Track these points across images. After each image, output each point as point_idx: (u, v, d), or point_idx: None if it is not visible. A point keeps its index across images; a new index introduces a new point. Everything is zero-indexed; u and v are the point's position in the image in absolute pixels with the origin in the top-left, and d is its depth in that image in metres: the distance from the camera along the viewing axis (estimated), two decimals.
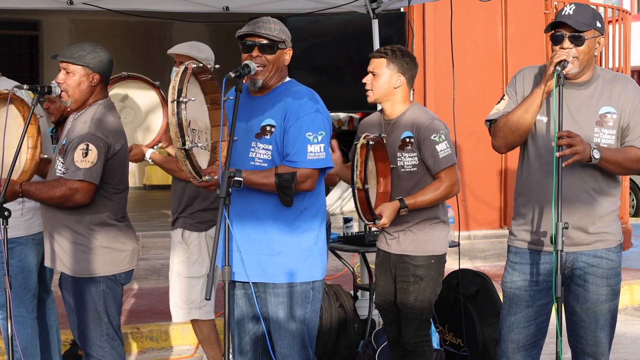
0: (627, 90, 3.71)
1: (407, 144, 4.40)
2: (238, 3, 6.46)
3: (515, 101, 3.79)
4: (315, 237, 3.73)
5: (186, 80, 3.38)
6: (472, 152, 9.21)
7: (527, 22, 9.53)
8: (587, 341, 3.79)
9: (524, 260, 3.81)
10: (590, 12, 3.67)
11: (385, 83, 4.44)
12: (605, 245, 3.74)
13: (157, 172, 14.48)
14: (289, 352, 3.69)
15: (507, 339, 3.83)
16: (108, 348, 4.12)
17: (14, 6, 6.32)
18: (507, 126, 3.72)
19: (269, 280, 3.68)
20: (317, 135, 3.60)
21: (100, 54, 4.20)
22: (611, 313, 3.79)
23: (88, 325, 4.11)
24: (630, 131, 3.68)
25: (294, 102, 3.62)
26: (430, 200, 4.37)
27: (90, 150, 3.98)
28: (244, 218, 3.67)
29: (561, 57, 3.59)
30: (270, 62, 3.64)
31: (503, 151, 3.84)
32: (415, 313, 4.47)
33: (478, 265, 8.91)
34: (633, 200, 14.57)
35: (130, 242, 4.23)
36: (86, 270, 4.08)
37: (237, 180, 3.45)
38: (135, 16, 6.77)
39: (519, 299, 3.80)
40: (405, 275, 4.45)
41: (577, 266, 3.73)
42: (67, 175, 3.99)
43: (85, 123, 4.07)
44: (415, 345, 4.50)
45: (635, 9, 22.44)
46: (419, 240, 4.44)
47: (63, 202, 4.00)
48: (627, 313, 7.80)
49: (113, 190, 4.13)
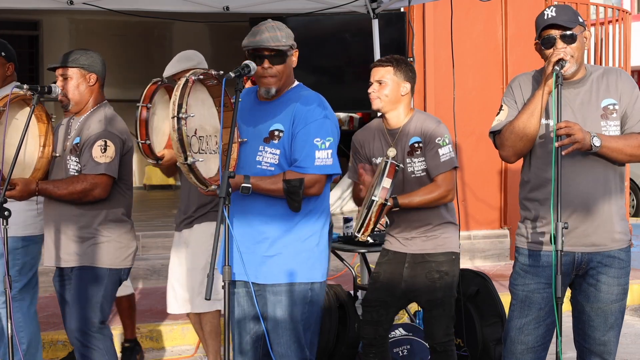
0: (621, 79, 3.74)
1: (416, 149, 4.42)
2: (238, 3, 6.46)
3: (515, 109, 3.77)
4: (318, 239, 3.74)
5: (186, 95, 3.39)
6: (472, 152, 9.20)
7: (527, 22, 9.51)
8: (595, 340, 3.79)
9: (537, 263, 3.79)
10: (571, 10, 3.74)
11: (393, 91, 4.44)
12: (618, 246, 3.76)
13: (157, 172, 14.47)
14: (286, 351, 3.70)
15: (517, 340, 3.81)
16: (101, 337, 4.29)
17: (14, 6, 6.33)
18: (513, 134, 3.69)
19: (269, 281, 3.69)
20: (325, 141, 3.61)
21: (92, 55, 4.37)
22: (621, 312, 3.81)
23: (85, 315, 4.25)
24: (629, 118, 3.70)
25: (302, 107, 3.63)
26: (423, 202, 4.39)
27: (109, 146, 4.17)
28: (249, 217, 3.69)
29: (559, 55, 3.60)
30: (281, 72, 3.66)
31: (513, 160, 3.79)
32: (444, 310, 4.50)
33: (478, 265, 8.91)
34: (633, 200, 14.57)
35: (134, 242, 4.43)
36: (96, 261, 4.22)
37: (246, 187, 3.50)
38: (135, 16, 6.77)
39: (532, 301, 3.78)
40: (429, 272, 4.46)
41: (591, 266, 3.74)
42: (87, 170, 4.15)
43: (100, 122, 4.24)
44: (445, 345, 4.52)
45: (635, 9, 22.44)
46: (439, 240, 4.48)
47: (83, 196, 4.15)
48: (627, 313, 7.77)
49: (125, 187, 4.34)
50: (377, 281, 4.61)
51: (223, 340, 3.38)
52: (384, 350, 4.67)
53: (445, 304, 4.50)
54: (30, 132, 4.18)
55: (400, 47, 7.20)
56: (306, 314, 3.72)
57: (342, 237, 5.84)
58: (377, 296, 4.60)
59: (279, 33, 3.64)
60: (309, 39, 7.21)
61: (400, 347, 5.29)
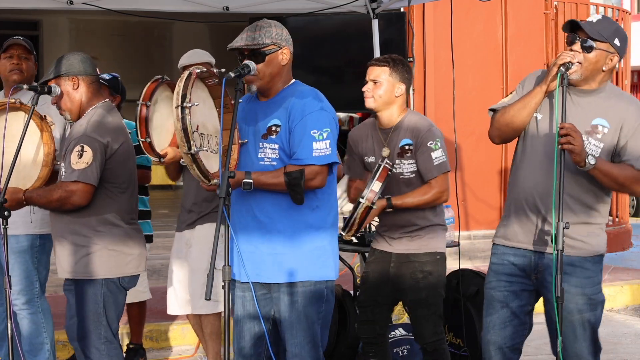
0: (629, 109, 3.67)
1: (407, 151, 4.43)
2: (238, 3, 6.47)
3: (520, 96, 3.80)
4: (329, 236, 3.73)
5: (190, 86, 3.40)
6: (472, 152, 9.21)
7: (527, 22, 9.53)
8: (568, 352, 3.69)
9: (499, 260, 3.84)
10: (613, 28, 3.66)
11: (387, 92, 4.44)
12: (579, 254, 3.69)
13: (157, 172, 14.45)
14: (300, 351, 3.68)
15: (485, 340, 3.84)
16: (105, 350, 4.12)
17: (14, 6, 6.33)
18: (502, 117, 3.75)
19: (282, 280, 3.67)
20: (323, 132, 3.61)
21: (69, 58, 4.18)
22: (591, 325, 3.70)
23: (87, 328, 4.11)
24: (627, 151, 3.64)
25: (298, 101, 3.63)
26: (416, 204, 4.41)
27: (85, 152, 3.99)
28: (257, 216, 3.68)
29: (565, 59, 3.59)
30: (261, 70, 3.62)
31: (496, 142, 3.88)
32: (430, 309, 4.51)
33: (478, 265, 8.90)
34: (633, 200, 14.58)
35: (137, 246, 4.21)
36: (87, 273, 4.08)
37: (247, 182, 3.50)
38: (135, 16, 6.77)
39: (494, 299, 3.82)
40: (413, 273, 4.48)
41: (549, 272, 3.62)
42: (64, 177, 4.02)
43: (81, 126, 4.09)
44: (435, 345, 4.52)
45: (635, 9, 22.45)
46: (423, 240, 4.50)
47: (61, 205, 4.02)
48: (627, 313, 7.79)
49: (117, 190, 4.13)
50: (366, 281, 4.66)
51: (223, 341, 3.38)
52: (384, 350, 4.67)
53: (430, 303, 4.50)
54: (31, 140, 4.12)
55: (400, 47, 7.19)
56: (322, 313, 3.72)
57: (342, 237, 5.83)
58: (368, 296, 4.64)
59: (258, 32, 3.62)
60: (309, 39, 7.21)
61: (400, 347, 5.28)
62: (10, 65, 4.93)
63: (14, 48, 4.95)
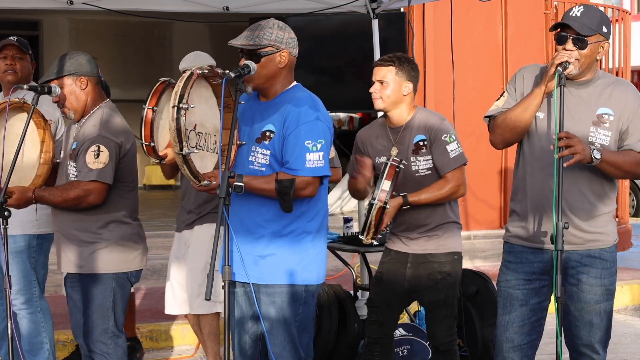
0: (627, 94, 3.71)
1: (422, 147, 4.39)
2: (238, 3, 6.46)
3: (514, 98, 3.80)
4: (311, 241, 3.71)
5: (189, 86, 3.39)
6: (472, 152, 9.16)
7: (527, 22, 9.53)
8: (582, 341, 3.79)
9: (517, 259, 3.83)
10: (598, 16, 3.67)
11: (395, 91, 4.41)
12: (598, 246, 3.75)
13: (157, 173, 14.48)
14: (281, 351, 3.70)
15: (502, 338, 3.83)
16: (112, 345, 4.20)
17: (14, 6, 6.33)
18: (504, 123, 3.74)
19: (263, 281, 3.68)
20: (317, 143, 3.58)
21: (76, 57, 4.24)
22: (607, 313, 3.79)
23: (95, 322, 4.18)
24: (630, 135, 3.69)
25: (294, 109, 3.60)
26: (433, 199, 4.36)
27: (102, 152, 4.08)
28: (242, 219, 3.67)
29: (562, 58, 3.59)
30: (257, 71, 3.58)
31: (500, 147, 3.87)
32: (447, 310, 4.49)
33: (478, 265, 8.91)
34: (633, 200, 14.57)
35: (142, 241, 4.36)
36: (97, 267, 4.15)
37: (238, 186, 3.46)
38: (135, 16, 6.77)
39: (513, 297, 3.81)
40: (431, 274, 4.44)
41: (570, 265, 3.73)
42: (80, 177, 4.09)
43: (94, 126, 4.16)
44: (449, 345, 4.51)
45: (635, 9, 22.44)
46: (440, 240, 4.46)
47: (77, 203, 4.09)
48: (627, 313, 7.79)
49: (127, 189, 4.25)
50: (380, 281, 4.60)
51: (223, 341, 3.38)
52: (389, 350, 4.65)
53: (447, 304, 4.49)
54: (30, 138, 4.14)
55: (400, 47, 7.17)
56: (300, 316, 3.71)
57: (342, 237, 5.83)
58: (380, 297, 4.59)
59: (257, 32, 3.60)
60: (309, 39, 7.19)
61: (400, 347, 5.28)
62: (5, 65, 4.97)
63: (8, 49, 4.99)
